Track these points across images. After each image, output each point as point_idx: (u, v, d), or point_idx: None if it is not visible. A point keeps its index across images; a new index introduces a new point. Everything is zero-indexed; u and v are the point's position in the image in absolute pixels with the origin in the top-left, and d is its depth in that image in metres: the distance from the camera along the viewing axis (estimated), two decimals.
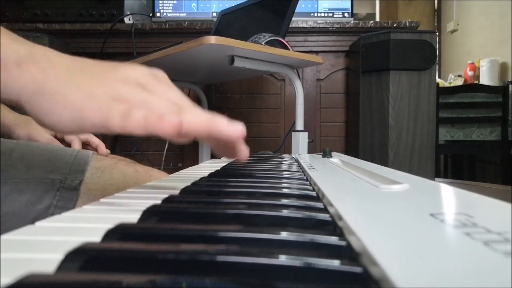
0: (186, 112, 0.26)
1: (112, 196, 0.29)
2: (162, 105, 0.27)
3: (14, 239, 0.17)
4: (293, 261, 0.13)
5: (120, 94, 0.26)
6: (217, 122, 0.26)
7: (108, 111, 0.25)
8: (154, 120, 0.24)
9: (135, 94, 0.27)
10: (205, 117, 0.27)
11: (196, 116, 0.26)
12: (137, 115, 0.25)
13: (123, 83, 0.27)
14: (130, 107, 0.25)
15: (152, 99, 0.27)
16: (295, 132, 1.17)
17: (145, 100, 0.26)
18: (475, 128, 2.05)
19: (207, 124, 0.26)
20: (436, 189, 0.26)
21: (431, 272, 0.11)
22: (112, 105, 0.25)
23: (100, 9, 1.66)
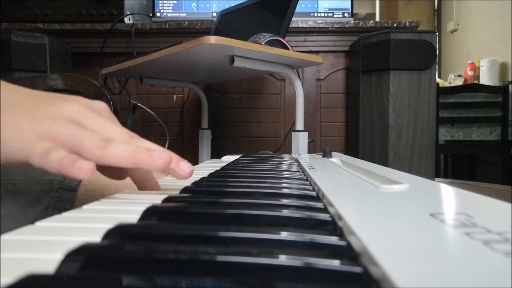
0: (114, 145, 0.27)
1: (112, 196, 0.29)
2: (89, 138, 0.27)
3: (14, 239, 0.17)
4: (293, 261, 0.13)
5: (46, 130, 0.27)
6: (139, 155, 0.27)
7: (31, 148, 0.26)
8: (68, 163, 0.25)
9: (62, 131, 0.27)
10: (131, 149, 0.27)
11: (121, 149, 0.27)
12: (54, 156, 0.25)
13: (53, 120, 0.27)
14: (52, 146, 0.26)
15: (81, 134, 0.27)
16: (295, 132, 1.17)
17: (73, 135, 0.27)
18: (475, 128, 2.05)
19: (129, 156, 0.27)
20: (436, 189, 0.26)
21: (431, 272, 0.11)
22: (35, 143, 0.26)
23: (100, 9, 1.66)
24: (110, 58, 1.65)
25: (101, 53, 1.62)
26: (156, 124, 1.67)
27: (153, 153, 0.27)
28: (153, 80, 1.39)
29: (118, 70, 1.22)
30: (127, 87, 1.56)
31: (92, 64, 1.74)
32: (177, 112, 1.77)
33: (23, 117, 0.27)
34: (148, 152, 0.27)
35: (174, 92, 1.77)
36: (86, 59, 1.73)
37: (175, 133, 1.77)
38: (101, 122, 0.29)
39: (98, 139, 0.27)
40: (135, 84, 1.68)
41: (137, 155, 0.27)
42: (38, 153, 0.26)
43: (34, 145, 0.26)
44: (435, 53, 1.44)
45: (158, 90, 1.75)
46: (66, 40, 1.62)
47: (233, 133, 1.77)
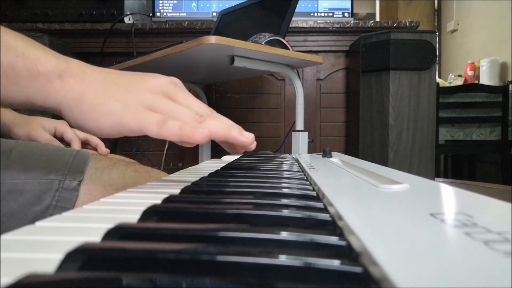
0: (208, 121, 0.30)
1: (112, 196, 0.29)
2: (187, 114, 0.30)
3: (14, 239, 0.17)
4: (293, 261, 0.13)
5: (151, 103, 0.30)
6: (233, 131, 0.31)
7: (144, 119, 0.29)
8: (188, 130, 0.28)
9: (164, 104, 0.30)
10: (224, 126, 0.31)
11: (216, 125, 0.31)
12: (173, 125, 0.28)
13: (151, 93, 0.31)
14: (164, 117, 0.29)
15: (179, 109, 0.30)
16: (295, 132, 1.17)
17: (173, 110, 0.30)
18: (475, 128, 2.05)
19: (226, 132, 0.31)
20: (436, 189, 0.26)
21: (431, 272, 0.11)
22: (146, 114, 0.29)
23: (100, 9, 1.66)
24: (110, 58, 1.65)
25: (101, 53, 1.62)
26: None
27: (243, 132, 0.32)
28: None
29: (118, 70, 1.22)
30: None
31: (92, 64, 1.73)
32: None
33: (126, 92, 0.30)
34: (240, 131, 0.32)
35: None
36: (86, 59, 1.71)
37: None
38: (186, 97, 0.33)
39: (195, 114, 0.30)
40: None
41: (230, 132, 0.31)
42: (155, 123, 0.28)
43: (149, 116, 0.28)
44: (435, 53, 1.44)
45: None
46: (66, 40, 1.62)
47: None
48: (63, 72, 0.30)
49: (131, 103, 0.29)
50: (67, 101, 0.30)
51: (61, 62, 0.31)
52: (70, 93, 0.30)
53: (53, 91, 0.30)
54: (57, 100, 0.30)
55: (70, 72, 0.30)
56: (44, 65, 0.30)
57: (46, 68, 0.30)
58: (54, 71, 0.30)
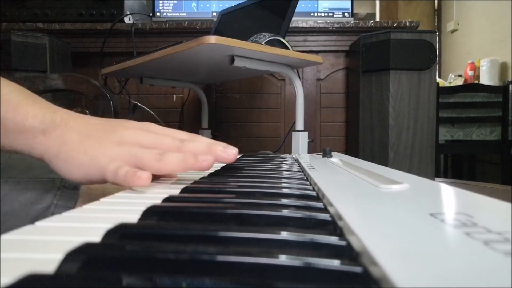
0: (166, 158, 0.33)
1: (112, 195, 0.29)
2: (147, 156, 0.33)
3: (14, 239, 0.17)
4: (293, 261, 0.13)
5: (114, 154, 0.33)
6: (188, 162, 0.33)
7: (104, 170, 0.32)
8: (130, 175, 0.31)
9: (126, 152, 0.33)
10: (179, 160, 0.33)
11: (173, 160, 0.33)
12: (121, 172, 0.31)
13: (119, 145, 0.34)
14: (119, 165, 0.32)
15: (141, 152, 0.33)
16: (295, 132, 1.17)
17: (135, 154, 0.33)
18: (475, 128, 2.05)
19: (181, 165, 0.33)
20: (436, 189, 0.26)
21: (431, 272, 0.11)
22: (107, 164, 0.32)
23: (100, 9, 1.66)
24: (110, 58, 1.65)
25: (101, 53, 1.62)
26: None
27: (198, 157, 0.34)
28: (153, 80, 1.39)
29: (118, 70, 1.22)
30: (127, 87, 1.55)
31: (92, 64, 1.74)
32: (177, 112, 1.77)
33: (96, 146, 0.34)
34: (195, 158, 0.33)
35: (174, 92, 1.77)
36: (86, 59, 1.73)
37: None
38: (154, 137, 0.36)
39: (154, 154, 0.33)
40: (135, 84, 1.68)
41: (186, 163, 0.33)
42: (110, 172, 0.32)
43: (107, 166, 0.32)
44: (435, 53, 1.44)
45: (158, 90, 1.75)
46: (66, 40, 1.62)
47: (233, 133, 1.77)
48: (46, 128, 0.34)
49: (97, 155, 0.33)
50: (48, 155, 0.34)
51: (47, 117, 0.34)
52: (50, 148, 0.34)
53: (37, 145, 0.34)
54: (40, 153, 0.34)
55: (53, 126, 0.34)
56: (30, 121, 0.34)
57: (31, 124, 0.33)
58: (39, 127, 0.34)
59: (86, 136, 0.34)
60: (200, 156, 0.34)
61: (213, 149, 0.36)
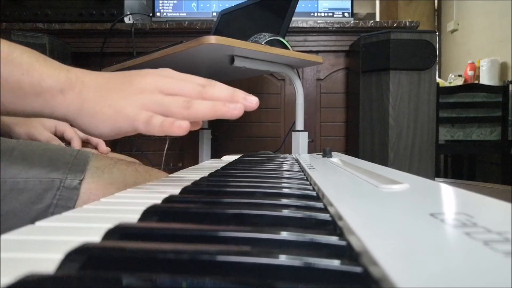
0: (195, 105, 0.32)
1: (112, 196, 0.29)
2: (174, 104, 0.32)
3: (14, 239, 0.17)
4: (293, 261, 0.13)
5: (140, 103, 0.33)
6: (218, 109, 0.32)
7: (134, 120, 0.32)
8: (168, 125, 0.31)
9: (151, 101, 0.33)
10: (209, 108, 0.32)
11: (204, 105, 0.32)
12: (155, 122, 0.31)
13: (140, 93, 0.33)
14: (150, 114, 0.32)
15: (166, 100, 0.33)
16: (295, 132, 1.17)
17: (161, 103, 0.33)
18: (475, 128, 2.05)
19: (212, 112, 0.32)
20: (436, 189, 0.26)
21: (431, 272, 0.11)
22: (136, 114, 0.32)
23: (100, 9, 1.66)
24: (110, 58, 1.65)
25: (101, 53, 1.62)
26: None
27: (229, 105, 0.33)
28: None
29: (118, 70, 1.22)
30: None
31: (92, 64, 1.74)
32: None
33: (119, 97, 0.33)
34: (224, 105, 0.33)
35: None
36: (86, 59, 1.73)
37: None
38: (174, 83, 0.35)
39: (182, 102, 0.33)
40: None
41: (216, 110, 0.33)
42: (142, 122, 0.32)
43: (136, 117, 0.32)
44: (435, 53, 1.44)
45: None
46: (66, 40, 1.62)
47: (233, 133, 1.77)
48: (63, 87, 0.33)
49: (122, 107, 0.33)
50: (71, 113, 0.34)
51: (62, 76, 0.34)
52: (71, 106, 0.33)
53: (57, 105, 0.33)
54: (62, 112, 0.34)
55: (70, 85, 0.34)
56: (47, 81, 0.33)
57: (49, 84, 0.33)
58: (56, 87, 0.33)
59: (105, 90, 0.34)
60: (230, 103, 0.33)
61: (236, 96, 0.34)
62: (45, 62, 0.35)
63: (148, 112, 0.32)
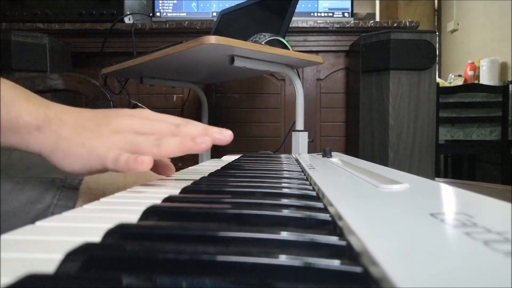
0: (165, 142, 0.33)
1: (112, 195, 0.29)
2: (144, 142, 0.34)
3: (14, 239, 0.17)
4: (293, 261, 0.13)
5: (112, 143, 0.34)
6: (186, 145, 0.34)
7: (104, 159, 0.33)
8: (132, 161, 0.32)
9: (124, 141, 0.34)
10: (178, 144, 0.34)
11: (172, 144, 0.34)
12: (121, 159, 0.32)
13: (115, 133, 0.34)
14: (119, 153, 0.33)
15: (138, 139, 0.34)
16: (295, 132, 1.17)
17: (133, 142, 0.34)
18: (475, 128, 2.05)
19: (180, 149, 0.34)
20: (436, 189, 0.26)
21: (431, 272, 0.11)
22: (106, 153, 0.33)
23: (100, 9, 1.66)
24: (110, 58, 1.65)
25: (101, 53, 1.62)
26: None
27: (196, 139, 0.34)
28: (153, 80, 1.39)
29: (118, 70, 1.22)
30: (127, 87, 1.55)
31: (92, 64, 1.74)
32: (177, 112, 1.77)
33: (92, 138, 0.34)
34: (192, 140, 0.34)
35: (174, 92, 1.77)
36: (86, 59, 1.73)
37: None
38: (148, 123, 0.36)
39: (152, 140, 0.34)
40: (135, 84, 1.68)
41: (185, 145, 0.34)
42: (110, 160, 0.32)
43: (107, 155, 0.33)
44: (435, 53, 1.44)
45: (158, 90, 1.75)
46: (66, 40, 1.62)
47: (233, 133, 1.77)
48: (41, 124, 0.34)
49: (95, 146, 0.34)
50: (45, 149, 0.34)
51: (40, 113, 0.34)
52: (46, 142, 0.34)
53: (33, 141, 0.34)
54: (36, 149, 0.34)
55: (47, 122, 0.34)
56: (24, 118, 0.34)
57: (26, 121, 0.34)
58: (33, 123, 0.34)
59: (81, 129, 0.34)
60: (198, 138, 0.34)
61: (209, 131, 0.36)
62: (26, 98, 0.35)
63: (117, 151, 0.33)
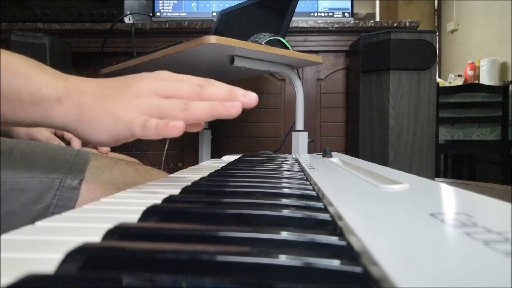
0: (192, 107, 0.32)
1: (112, 196, 0.29)
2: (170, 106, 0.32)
3: (14, 239, 0.17)
4: (293, 261, 0.13)
5: (137, 108, 0.33)
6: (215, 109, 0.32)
7: (131, 125, 0.32)
8: (162, 127, 0.31)
9: (148, 105, 0.33)
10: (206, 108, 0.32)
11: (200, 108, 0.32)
12: (150, 125, 0.31)
13: (136, 97, 0.33)
14: (146, 118, 0.32)
15: (163, 103, 0.33)
16: (295, 132, 1.17)
17: (157, 106, 0.33)
18: (475, 128, 2.05)
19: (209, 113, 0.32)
20: (436, 189, 0.26)
21: (431, 272, 0.11)
22: (133, 119, 0.32)
23: (100, 9, 1.66)
24: (110, 58, 1.65)
25: (101, 53, 1.62)
26: None
27: (226, 104, 0.33)
28: None
29: (118, 70, 1.22)
30: None
31: (92, 64, 1.74)
32: None
33: (116, 103, 0.33)
34: (222, 105, 0.32)
35: None
36: (86, 59, 1.73)
37: None
38: (170, 85, 0.35)
39: (178, 104, 0.33)
40: None
41: (214, 110, 0.32)
42: (138, 127, 0.32)
43: (133, 122, 0.32)
44: (435, 53, 1.44)
45: None
46: (66, 40, 1.62)
47: (233, 133, 1.77)
48: (61, 96, 0.33)
49: (120, 113, 0.33)
50: (69, 122, 0.34)
51: (60, 85, 0.34)
52: (70, 115, 0.33)
53: (56, 115, 0.33)
54: (61, 121, 0.34)
55: (68, 94, 0.34)
56: (44, 91, 0.33)
57: (47, 94, 0.33)
58: (54, 96, 0.33)
59: (103, 97, 0.34)
60: (228, 103, 0.33)
61: (235, 94, 0.34)
62: (43, 71, 0.35)
63: (144, 116, 0.32)
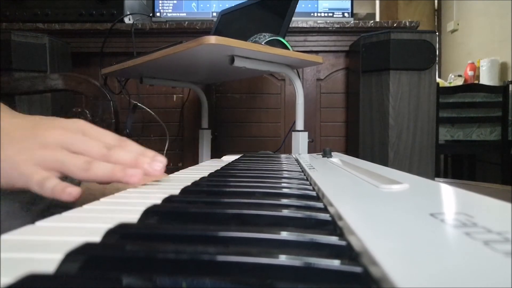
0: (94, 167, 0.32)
1: (112, 196, 0.29)
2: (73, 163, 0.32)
3: (14, 239, 0.17)
4: (293, 261, 0.13)
5: (38, 160, 0.32)
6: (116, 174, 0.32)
7: (28, 180, 0.31)
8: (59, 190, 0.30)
9: (51, 158, 0.32)
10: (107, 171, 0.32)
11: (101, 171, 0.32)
12: (48, 185, 0.30)
13: (43, 149, 0.32)
14: (45, 176, 0.31)
15: (68, 159, 0.32)
16: (295, 132, 1.17)
17: (61, 161, 0.32)
18: (475, 128, 2.05)
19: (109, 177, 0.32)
20: (436, 189, 0.26)
21: (431, 272, 0.11)
22: (31, 174, 0.31)
23: (100, 9, 1.66)
24: (110, 58, 1.65)
25: (101, 53, 1.62)
26: (156, 124, 1.67)
27: (127, 171, 0.32)
28: (153, 80, 1.39)
29: (118, 70, 1.22)
30: (127, 87, 1.55)
31: (92, 64, 1.74)
32: (177, 112, 1.77)
33: (18, 152, 0.32)
34: (123, 171, 0.32)
35: (174, 92, 1.77)
36: (86, 59, 1.73)
37: (175, 133, 1.77)
38: (80, 141, 0.34)
39: (82, 163, 0.32)
40: (135, 84, 1.68)
41: (114, 175, 0.32)
42: (36, 183, 0.30)
43: (31, 176, 0.31)
44: (435, 53, 1.44)
45: (158, 90, 1.75)
46: (66, 40, 1.62)
47: (233, 133, 1.77)
48: None
49: (19, 163, 0.31)
50: None
51: None
52: None
53: None
54: None
55: None
56: None
57: None
58: None
59: (6, 140, 0.32)
60: (129, 170, 0.32)
61: (140, 162, 0.34)
62: None
63: (43, 173, 0.31)
